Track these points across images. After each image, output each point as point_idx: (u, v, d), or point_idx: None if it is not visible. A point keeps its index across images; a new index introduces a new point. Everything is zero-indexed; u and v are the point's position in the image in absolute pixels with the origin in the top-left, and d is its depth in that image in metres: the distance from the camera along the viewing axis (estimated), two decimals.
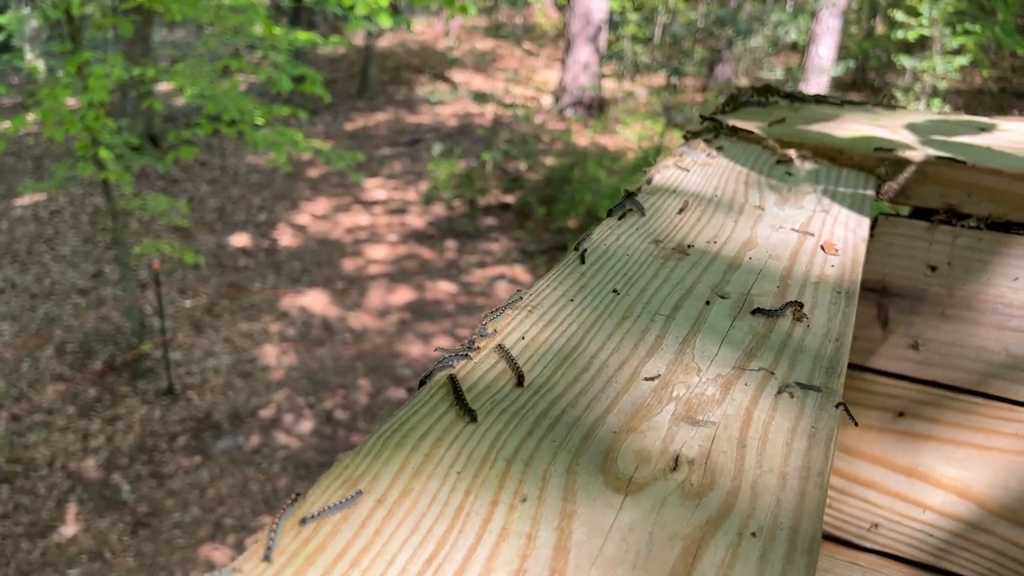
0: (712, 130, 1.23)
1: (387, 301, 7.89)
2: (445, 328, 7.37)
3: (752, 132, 1.19)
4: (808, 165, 1.12)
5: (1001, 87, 14.50)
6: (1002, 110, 12.82)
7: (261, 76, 6.41)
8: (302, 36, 6.10)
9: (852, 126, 1.27)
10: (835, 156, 1.13)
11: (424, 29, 19.10)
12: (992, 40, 13.91)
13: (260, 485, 5.52)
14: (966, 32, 11.42)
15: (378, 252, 8.94)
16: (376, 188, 10.80)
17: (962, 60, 10.95)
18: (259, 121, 6.20)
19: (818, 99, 1.51)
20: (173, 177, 10.73)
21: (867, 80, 14.16)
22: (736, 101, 1.42)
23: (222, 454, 5.82)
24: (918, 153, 1.09)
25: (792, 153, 1.13)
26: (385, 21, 5.59)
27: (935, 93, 11.09)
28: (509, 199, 10.05)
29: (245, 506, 5.33)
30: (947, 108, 10.89)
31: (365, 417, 6.32)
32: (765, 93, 1.48)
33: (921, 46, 11.66)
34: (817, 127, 1.25)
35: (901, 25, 11.06)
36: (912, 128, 1.28)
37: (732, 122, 1.24)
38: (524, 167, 10.45)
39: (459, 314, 7.63)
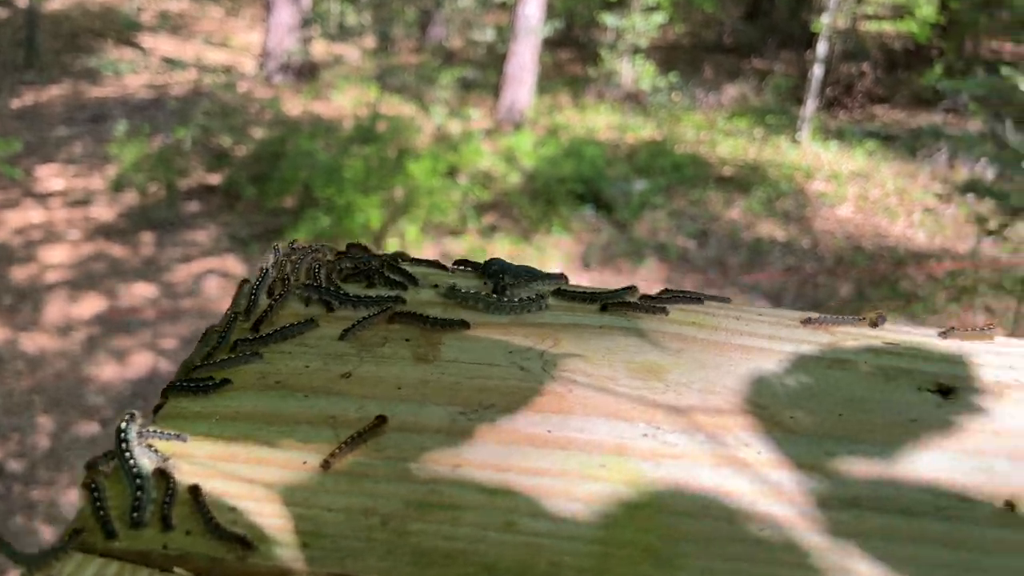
0: None
1: (70, 315, 6.69)
2: (144, 341, 6.37)
3: None
4: None
5: (692, 43, 15.60)
6: (694, 63, 13.78)
7: None
8: None
9: None
10: None
11: None
12: None
13: None
14: None
15: (56, 255, 7.59)
16: (52, 176, 9.21)
17: (660, 17, 11.50)
18: None
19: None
20: None
21: (574, 38, 14.55)
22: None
23: None
24: None
25: None
26: None
27: (637, 50, 11.58)
28: (214, 179, 9.01)
29: None
30: (650, 64, 11.41)
31: (48, 464, 5.26)
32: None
33: (622, 4, 12.08)
34: None
35: None
36: None
37: None
38: (229, 142, 9.42)
39: (162, 323, 6.64)
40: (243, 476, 0.63)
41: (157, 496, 0.61)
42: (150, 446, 0.66)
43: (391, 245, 7.50)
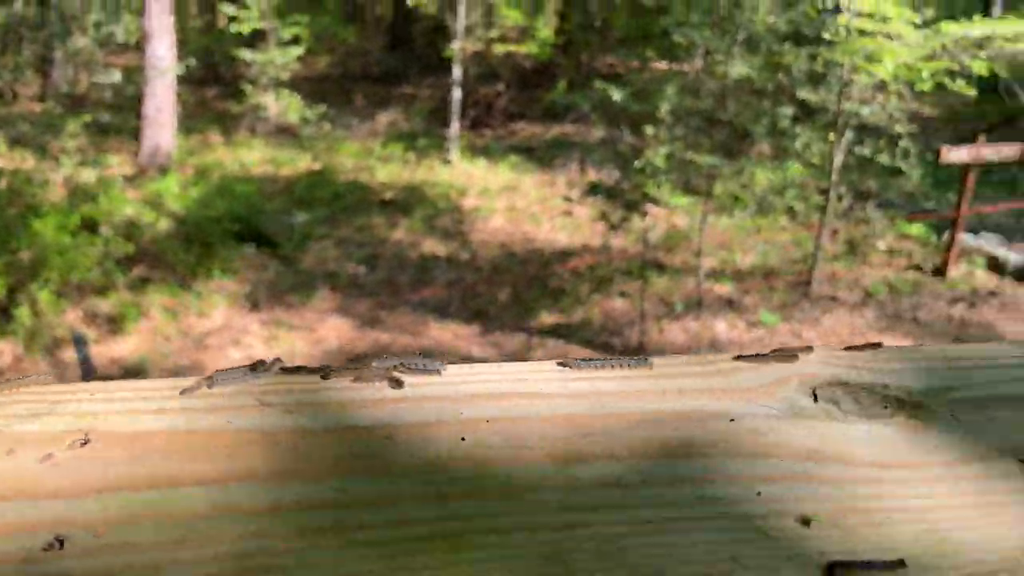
0: None
1: None
2: None
3: None
4: None
5: (342, 73, 15.82)
6: (345, 93, 13.99)
7: None
8: None
9: None
10: None
11: None
12: (326, 29, 14.96)
13: None
14: (297, 23, 12.01)
15: None
16: None
17: (298, 50, 11.50)
18: None
19: None
20: None
21: (218, 74, 14.05)
22: None
23: None
24: None
25: None
26: None
27: (280, 83, 11.47)
28: None
29: None
30: (295, 97, 11.36)
31: None
32: None
33: (261, 38, 11.89)
34: None
35: (235, 18, 11.10)
36: None
37: None
38: None
39: None
40: None
41: None
42: None
43: (22, 315, 6.66)
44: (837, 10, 8.14)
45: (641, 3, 9.35)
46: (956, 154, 7.86)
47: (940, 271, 8.24)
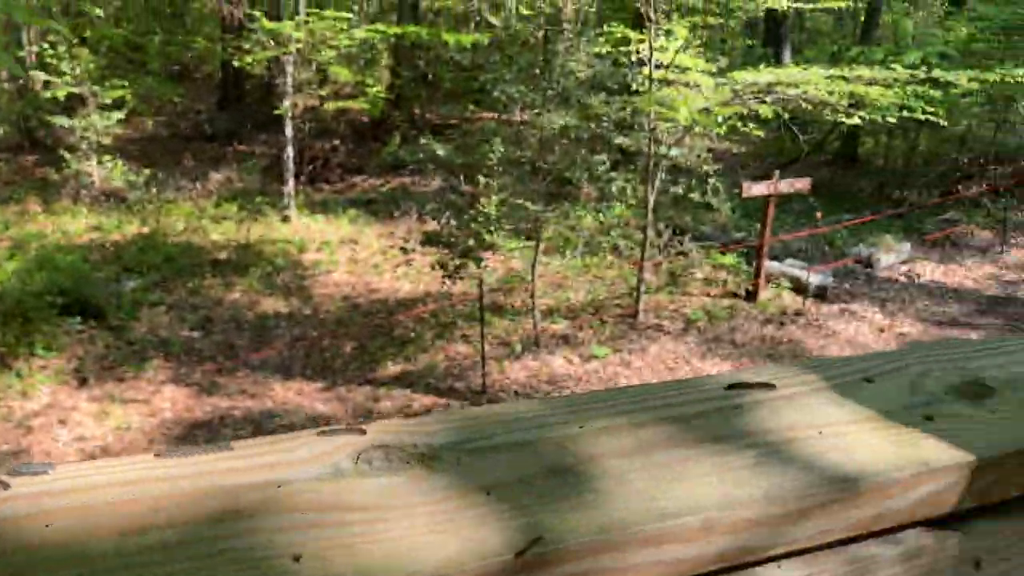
0: None
1: None
2: None
3: None
4: None
5: (172, 133, 15.40)
6: (175, 154, 13.63)
7: None
8: None
9: None
10: None
11: None
12: (151, 90, 14.57)
13: None
14: (118, 86, 11.66)
15: None
16: None
17: (119, 114, 11.16)
18: None
19: None
20: None
21: (37, 142, 13.35)
22: None
23: None
24: None
25: None
26: None
27: (103, 148, 11.07)
28: None
29: None
30: (118, 161, 10.99)
31: None
32: None
33: (83, 102, 11.45)
34: None
35: (48, 83, 10.66)
36: None
37: None
38: None
39: None
40: None
41: None
42: None
43: None
44: (642, 63, 8.87)
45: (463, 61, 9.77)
46: (756, 189, 8.68)
47: (752, 296, 9.02)
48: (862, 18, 14.25)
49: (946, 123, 9.85)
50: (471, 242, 7.92)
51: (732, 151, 14.83)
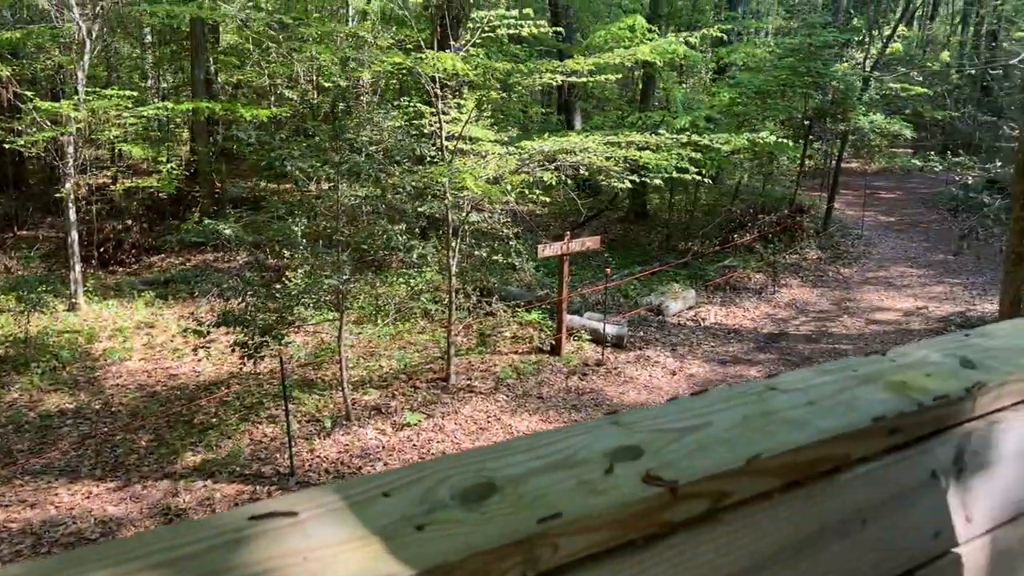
0: None
1: None
2: None
3: None
4: None
5: None
6: None
7: None
8: None
9: None
10: None
11: None
12: None
13: None
14: None
15: None
16: None
17: None
18: None
19: None
20: None
21: None
22: None
23: None
24: None
25: None
26: None
27: None
28: None
29: None
30: None
31: None
32: None
33: None
34: None
35: None
36: None
37: None
38: None
39: None
40: None
41: None
42: None
43: None
44: (436, 135, 9.19)
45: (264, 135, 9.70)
46: (550, 250, 9.15)
47: (556, 350, 9.43)
48: (639, 86, 15.52)
49: (714, 178, 10.87)
50: (273, 319, 7.79)
51: (536, 211, 15.54)
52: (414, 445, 7.52)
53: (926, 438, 0.90)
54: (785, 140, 10.44)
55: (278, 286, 8.67)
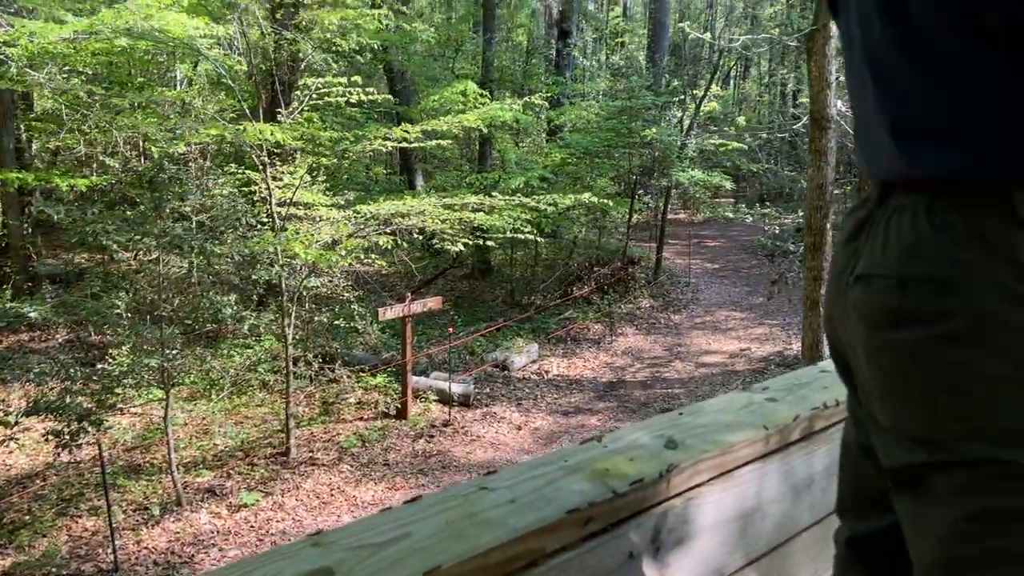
0: None
1: None
2: None
3: None
4: None
5: None
6: None
7: None
8: None
9: None
10: None
11: None
12: None
13: None
14: None
15: None
16: None
17: None
18: None
19: None
20: None
21: None
22: None
23: None
24: None
25: None
26: None
27: None
28: None
29: None
30: None
31: None
32: None
33: None
34: None
35: None
36: None
37: None
38: None
39: None
40: None
41: None
42: None
43: None
44: (262, 200, 9.01)
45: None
46: (391, 312, 9.11)
47: (402, 413, 9.34)
48: (477, 147, 15.94)
49: (552, 234, 11.25)
50: (93, 403, 7.29)
51: (381, 271, 15.46)
52: (252, 527, 7.18)
53: (623, 522, 0.97)
54: (607, 201, 10.99)
55: (100, 366, 8.16)
